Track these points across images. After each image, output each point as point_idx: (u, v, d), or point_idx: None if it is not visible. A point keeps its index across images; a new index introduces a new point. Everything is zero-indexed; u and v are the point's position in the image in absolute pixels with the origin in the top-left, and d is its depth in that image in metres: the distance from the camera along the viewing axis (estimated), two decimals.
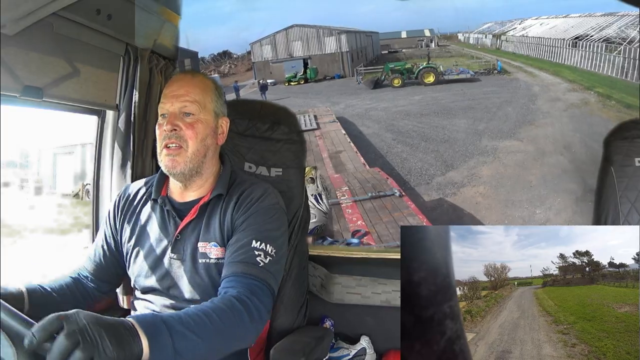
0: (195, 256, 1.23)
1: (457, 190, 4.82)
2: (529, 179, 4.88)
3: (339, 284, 1.96)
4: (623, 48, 7.80)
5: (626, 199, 1.54)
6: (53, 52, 1.39)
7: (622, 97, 7.05)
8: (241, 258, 1.15)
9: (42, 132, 2.24)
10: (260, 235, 1.19)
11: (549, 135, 5.74)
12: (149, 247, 1.27)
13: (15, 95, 1.29)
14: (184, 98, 1.22)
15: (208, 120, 1.25)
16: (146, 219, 1.30)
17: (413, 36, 10.63)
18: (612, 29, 8.31)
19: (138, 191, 1.35)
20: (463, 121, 6.11)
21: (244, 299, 1.05)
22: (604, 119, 6.05)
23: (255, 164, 1.56)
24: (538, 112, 6.53)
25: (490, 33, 11.05)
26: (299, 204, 1.54)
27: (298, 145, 1.58)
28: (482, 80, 8.43)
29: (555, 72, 8.58)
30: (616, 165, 1.56)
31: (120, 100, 1.69)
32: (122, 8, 1.57)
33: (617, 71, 7.77)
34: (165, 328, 0.87)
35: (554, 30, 9.64)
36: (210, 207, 1.26)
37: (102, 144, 1.73)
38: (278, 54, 9.91)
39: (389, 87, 8.40)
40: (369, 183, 6.93)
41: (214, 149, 1.28)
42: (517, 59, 9.73)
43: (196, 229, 1.24)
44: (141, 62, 1.69)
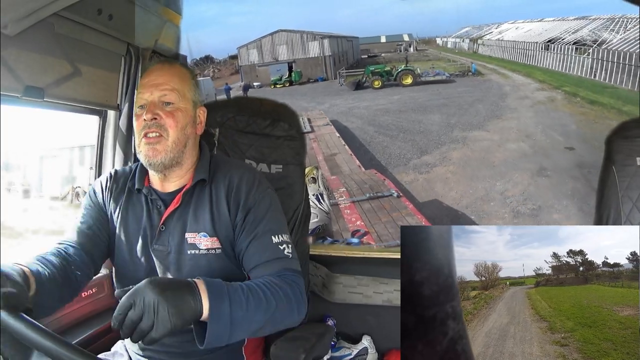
0: (182, 247, 1.20)
1: (430, 170, 5.81)
2: (492, 160, 5.81)
3: (340, 283, 1.97)
4: (592, 50, 8.48)
5: (628, 199, 1.54)
6: (54, 53, 1.39)
7: (588, 94, 7.82)
8: (269, 257, 1.16)
9: (28, 134, 2.23)
10: (275, 227, 1.20)
11: (513, 127, 6.60)
12: (134, 239, 1.23)
13: (17, 95, 1.29)
14: (163, 87, 1.20)
15: (187, 109, 1.22)
16: (129, 209, 1.26)
17: (392, 41, 11.57)
18: (583, 32, 9.09)
19: (120, 180, 1.30)
20: (437, 116, 6.99)
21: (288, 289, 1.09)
22: (567, 113, 7.02)
23: (255, 160, 1.56)
24: (506, 108, 7.39)
25: (468, 37, 12.13)
26: (300, 200, 1.54)
27: (298, 142, 1.57)
28: (457, 81, 9.11)
29: (527, 74, 9.36)
30: (618, 165, 1.56)
31: (122, 100, 1.69)
32: (123, 8, 1.57)
33: (586, 71, 8.46)
34: (228, 297, 0.95)
35: (528, 34, 10.49)
36: (196, 195, 1.23)
37: (104, 144, 1.74)
38: (264, 57, 10.52)
39: (370, 88, 9.05)
40: (366, 184, 7.15)
41: (194, 139, 1.26)
42: (492, 61, 10.52)
43: (181, 219, 1.22)
44: (142, 62, 1.69)
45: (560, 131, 6.40)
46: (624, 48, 8.03)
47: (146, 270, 1.21)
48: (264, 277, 1.09)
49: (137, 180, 1.26)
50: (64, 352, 0.79)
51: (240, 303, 0.97)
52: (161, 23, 1.79)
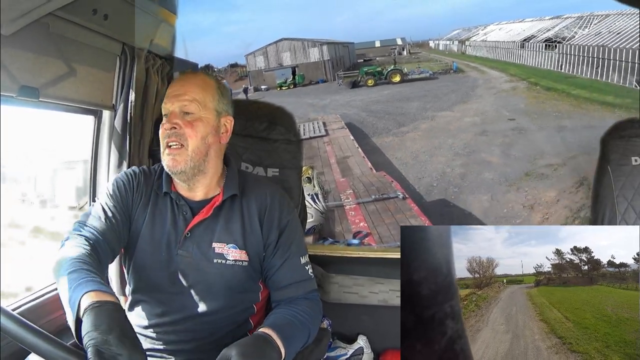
0: (208, 255, 1.22)
1: (404, 135, 7.88)
2: (450, 128, 7.74)
3: (336, 283, 1.96)
4: (560, 46, 9.82)
5: (623, 198, 1.55)
6: (49, 52, 1.38)
7: (548, 83, 9.08)
8: (299, 279, 1.27)
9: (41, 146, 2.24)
10: (302, 249, 1.30)
11: (473, 108, 8.34)
12: (157, 242, 1.24)
13: (12, 95, 1.29)
14: (184, 97, 1.22)
15: (209, 119, 1.23)
16: (156, 212, 1.26)
17: (386, 45, 12.43)
18: (555, 30, 10.22)
19: (149, 180, 1.29)
20: (416, 103, 8.86)
21: (316, 310, 1.26)
22: (522, 97, 8.61)
23: (252, 164, 1.56)
24: (474, 96, 9.03)
25: (457, 39, 12.91)
26: (296, 204, 1.55)
27: (295, 146, 1.57)
28: (439, 78, 10.44)
29: (503, 69, 10.57)
30: (613, 164, 1.56)
31: (117, 100, 1.69)
32: (118, 8, 1.56)
33: (554, 65, 9.75)
34: (293, 336, 1.09)
35: (509, 34, 11.57)
36: (227, 208, 1.25)
37: (99, 144, 1.73)
38: (270, 63, 11.50)
39: (364, 86, 10.48)
40: (373, 186, 7.48)
41: (217, 148, 1.26)
42: (476, 60, 11.71)
43: (209, 229, 1.23)
44: (138, 62, 1.68)
45: (510, 109, 8.21)
46: (584, 43, 9.30)
47: (167, 274, 1.22)
48: (299, 303, 1.22)
49: (164, 183, 1.27)
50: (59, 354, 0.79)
51: (296, 338, 1.11)
52: (156, 23, 1.78)
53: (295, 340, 1.10)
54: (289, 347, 1.05)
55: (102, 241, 1.18)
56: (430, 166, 6.90)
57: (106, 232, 1.20)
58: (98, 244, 1.16)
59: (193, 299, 1.21)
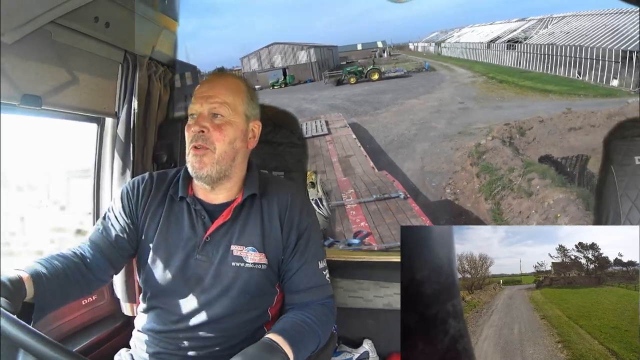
0: (226, 259, 1.19)
1: (378, 115, 10.73)
2: (413, 110, 10.71)
3: (341, 287, 1.96)
4: (519, 45, 12.17)
5: (627, 198, 1.54)
6: (51, 60, 1.39)
7: (503, 77, 11.77)
8: (316, 283, 1.23)
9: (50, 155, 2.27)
10: (320, 253, 1.26)
11: (436, 96, 11.26)
12: (174, 248, 1.21)
13: (15, 103, 1.29)
14: (214, 99, 1.18)
15: (238, 123, 1.20)
16: (171, 217, 1.23)
17: (368, 48, 14.83)
18: (517, 31, 12.57)
19: (162, 185, 1.27)
20: (390, 95, 11.61)
21: (329, 316, 1.22)
22: (477, 88, 11.53)
23: (257, 167, 1.56)
24: (438, 88, 11.78)
25: (434, 41, 15.50)
26: None
27: (300, 149, 1.58)
28: (412, 76, 13.09)
29: (469, 67, 13.15)
30: (616, 165, 1.56)
31: (120, 108, 1.69)
32: (120, 16, 1.57)
33: (514, 62, 12.30)
34: (302, 343, 1.06)
35: (479, 36, 13.90)
36: (246, 209, 1.22)
37: (102, 151, 1.73)
38: (262, 65, 13.71)
39: (348, 84, 12.87)
40: (374, 185, 7.67)
41: (244, 153, 1.24)
42: (449, 60, 14.07)
43: (229, 232, 1.20)
44: (140, 69, 1.69)
45: (463, 96, 11.00)
46: (538, 42, 11.78)
47: (183, 280, 1.20)
48: (312, 308, 1.18)
49: (180, 188, 1.24)
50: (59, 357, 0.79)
51: (305, 344, 1.08)
52: (158, 30, 1.79)
53: (305, 346, 1.07)
54: (298, 353, 1.02)
55: (94, 254, 1.19)
56: (394, 131, 9.93)
57: (103, 244, 1.21)
58: (87, 256, 1.18)
59: (209, 303, 1.18)
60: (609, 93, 9.28)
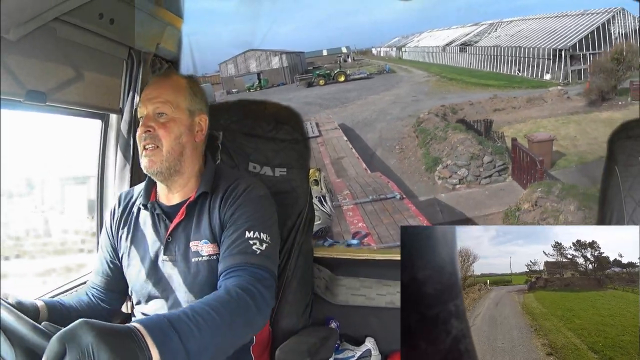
0: (187, 256, 1.24)
1: (346, 107, 12.95)
2: (374, 102, 12.97)
3: (343, 285, 1.96)
4: (470, 48, 14.00)
5: (631, 198, 1.53)
6: (56, 57, 1.39)
7: (453, 75, 13.84)
8: (238, 250, 1.16)
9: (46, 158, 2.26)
10: (252, 224, 1.20)
11: (393, 92, 13.54)
12: (143, 253, 1.28)
13: (19, 99, 1.30)
14: (157, 100, 1.24)
15: (182, 119, 1.26)
16: (139, 225, 1.32)
17: (333, 53, 16.50)
18: (470, 35, 14.28)
19: (131, 199, 1.36)
20: (355, 93, 13.79)
21: (248, 287, 1.06)
22: (429, 85, 13.77)
23: (259, 164, 1.56)
24: (397, 86, 13.97)
25: (395, 46, 17.18)
26: (304, 204, 1.54)
27: (302, 145, 1.57)
28: (374, 77, 15.03)
29: (425, 69, 15.09)
30: (620, 165, 1.55)
31: (124, 104, 1.69)
32: (124, 12, 1.57)
33: (465, 63, 14.12)
34: (174, 331, 0.85)
35: (437, 40, 15.64)
36: (199, 206, 1.26)
37: (106, 147, 1.74)
38: (239, 70, 15.23)
39: (317, 85, 14.69)
40: (369, 187, 7.87)
41: (192, 147, 1.28)
42: (408, 63, 15.98)
43: (186, 229, 1.25)
44: (144, 66, 1.69)
45: (417, 92, 13.23)
46: (486, 44, 13.70)
47: (157, 282, 1.26)
48: (214, 293, 1.04)
49: (143, 196, 1.31)
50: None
51: (191, 332, 0.88)
52: (162, 26, 1.79)
53: (188, 336, 0.87)
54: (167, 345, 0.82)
55: (103, 291, 1.35)
56: (359, 117, 12.13)
57: (106, 278, 1.35)
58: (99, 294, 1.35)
59: (182, 302, 1.23)
60: (541, 85, 11.77)
